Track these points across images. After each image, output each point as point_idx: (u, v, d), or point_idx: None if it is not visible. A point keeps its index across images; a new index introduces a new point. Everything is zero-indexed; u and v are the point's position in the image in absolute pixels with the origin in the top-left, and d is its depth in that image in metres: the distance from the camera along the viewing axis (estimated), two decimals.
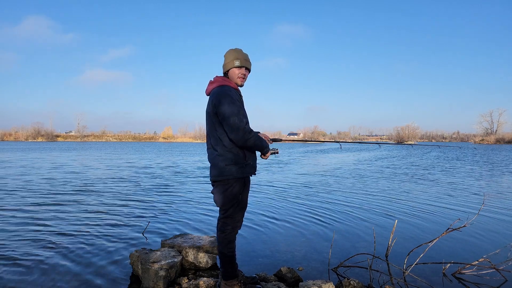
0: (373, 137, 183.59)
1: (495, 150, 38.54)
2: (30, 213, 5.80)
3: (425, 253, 3.58)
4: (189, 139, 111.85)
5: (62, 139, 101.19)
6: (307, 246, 4.21)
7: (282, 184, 10.00)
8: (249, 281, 2.82)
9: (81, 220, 5.34)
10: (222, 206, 2.67)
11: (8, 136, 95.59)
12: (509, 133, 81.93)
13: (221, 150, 2.58)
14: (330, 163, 18.99)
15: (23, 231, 4.70)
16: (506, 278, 3.27)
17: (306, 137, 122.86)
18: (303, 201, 7.20)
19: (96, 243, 4.18)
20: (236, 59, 2.68)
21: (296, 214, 5.98)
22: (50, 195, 7.74)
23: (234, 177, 2.58)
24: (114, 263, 3.55)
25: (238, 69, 2.70)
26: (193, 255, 3.36)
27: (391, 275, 3.28)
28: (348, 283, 2.89)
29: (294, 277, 3.10)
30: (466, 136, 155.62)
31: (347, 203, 7.01)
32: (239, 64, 2.68)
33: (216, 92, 2.58)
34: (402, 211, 6.30)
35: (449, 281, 3.23)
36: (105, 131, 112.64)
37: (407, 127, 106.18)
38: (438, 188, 9.32)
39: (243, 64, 2.70)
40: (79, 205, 6.55)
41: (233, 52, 2.71)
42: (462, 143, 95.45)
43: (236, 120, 2.45)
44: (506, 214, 6.14)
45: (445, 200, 7.47)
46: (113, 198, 7.45)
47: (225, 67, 2.73)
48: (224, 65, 2.75)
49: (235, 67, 2.69)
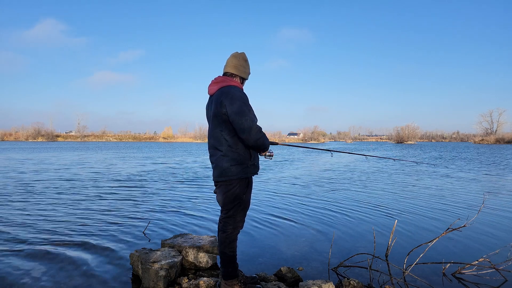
0: (373, 137, 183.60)
1: (493, 150, 38.55)
2: (29, 213, 5.80)
3: (425, 253, 3.59)
4: (189, 139, 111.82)
5: (62, 139, 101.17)
6: (307, 246, 4.21)
7: (282, 184, 10.00)
8: (249, 281, 2.82)
9: (81, 220, 5.34)
10: (224, 206, 2.67)
11: (8, 136, 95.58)
12: (509, 133, 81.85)
13: (226, 150, 2.57)
14: (330, 162, 18.99)
15: (21, 231, 4.71)
16: (506, 278, 3.28)
17: (306, 137, 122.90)
18: (303, 201, 7.20)
19: (96, 243, 4.18)
20: (249, 72, 2.83)
21: (296, 214, 5.97)
22: (50, 195, 7.74)
23: (238, 177, 2.58)
24: (114, 263, 3.55)
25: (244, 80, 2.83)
26: (193, 255, 3.36)
27: (391, 275, 3.28)
28: (348, 283, 2.89)
29: (294, 277, 3.10)
30: (466, 136, 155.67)
31: (347, 203, 7.01)
32: (248, 77, 2.84)
33: (225, 91, 2.57)
34: (402, 211, 6.30)
35: (449, 281, 3.23)
36: (105, 131, 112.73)
37: (407, 127, 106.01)
38: (438, 188, 9.31)
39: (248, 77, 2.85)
40: (79, 205, 6.55)
41: (246, 60, 2.80)
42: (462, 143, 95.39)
43: (248, 120, 2.48)
44: (506, 214, 6.14)
45: (445, 200, 7.47)
46: (112, 198, 7.45)
47: (239, 71, 2.74)
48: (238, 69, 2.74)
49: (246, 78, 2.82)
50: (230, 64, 2.74)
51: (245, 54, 2.81)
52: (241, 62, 2.74)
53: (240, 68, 2.73)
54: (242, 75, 2.75)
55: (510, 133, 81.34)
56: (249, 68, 2.82)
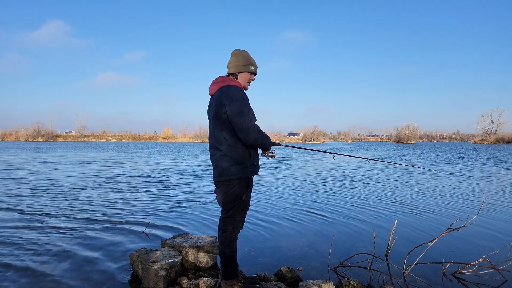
0: (373, 137, 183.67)
1: (493, 150, 38.56)
2: (29, 213, 5.80)
3: (425, 253, 3.59)
4: (189, 139, 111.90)
5: (62, 139, 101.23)
6: (307, 246, 4.21)
7: (282, 184, 10.00)
8: (249, 281, 2.82)
9: (80, 220, 5.34)
10: (224, 206, 2.67)
11: (8, 136, 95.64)
12: (509, 133, 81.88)
13: (225, 150, 2.57)
14: (331, 163, 18.98)
15: (20, 231, 4.71)
16: (506, 278, 3.27)
17: (306, 137, 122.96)
18: (303, 201, 7.20)
19: (96, 243, 4.18)
20: (251, 64, 2.69)
21: (296, 214, 5.98)
22: (47, 195, 7.74)
23: (238, 177, 2.57)
24: (114, 263, 3.55)
25: (250, 74, 2.72)
26: (193, 255, 3.36)
27: (391, 275, 3.28)
28: (348, 283, 2.89)
29: (294, 277, 3.10)
30: (466, 136, 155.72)
31: (347, 203, 7.01)
32: (253, 70, 2.71)
33: (225, 91, 2.55)
34: (402, 211, 6.30)
35: (449, 281, 3.23)
36: (105, 131, 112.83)
37: (407, 127, 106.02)
38: (438, 188, 9.31)
39: (255, 71, 2.73)
40: (79, 205, 6.55)
41: (246, 56, 2.71)
42: (462, 143, 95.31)
43: (247, 120, 2.46)
44: (506, 213, 6.14)
45: (445, 200, 7.47)
46: (112, 197, 7.45)
47: (237, 68, 2.68)
48: (235, 66, 2.69)
49: (249, 71, 2.70)
50: (230, 65, 2.72)
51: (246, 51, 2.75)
52: (240, 59, 2.69)
53: (239, 66, 2.68)
54: (246, 70, 2.68)
55: (510, 133, 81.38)
56: (250, 61, 2.71)
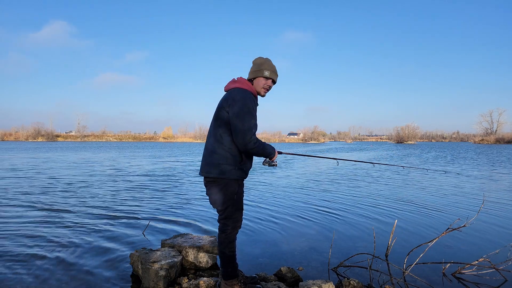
0: (373, 137, 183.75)
1: (493, 150, 38.55)
2: (27, 213, 5.80)
3: (425, 253, 3.59)
4: (189, 139, 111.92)
5: (62, 139, 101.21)
6: (307, 246, 4.21)
7: (282, 184, 10.00)
8: (249, 281, 2.82)
9: (80, 220, 5.34)
10: (219, 206, 2.66)
11: (8, 136, 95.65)
12: (509, 133, 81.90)
13: (219, 149, 2.58)
14: (330, 163, 18.98)
15: (21, 230, 4.71)
16: (506, 278, 3.28)
17: (306, 137, 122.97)
18: (303, 201, 7.20)
19: (96, 243, 4.18)
20: (266, 69, 2.69)
21: (296, 214, 5.98)
22: (49, 195, 7.74)
23: (226, 177, 2.57)
24: (114, 263, 3.55)
25: (265, 79, 2.70)
26: (193, 255, 3.36)
27: (391, 275, 3.28)
28: (348, 283, 2.89)
29: (294, 277, 3.11)
30: (466, 136, 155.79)
31: (347, 203, 7.01)
32: (268, 75, 2.69)
33: (233, 92, 2.57)
34: (402, 211, 6.30)
35: (449, 281, 3.23)
36: (105, 131, 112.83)
37: (407, 127, 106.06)
38: (438, 188, 9.31)
39: (272, 76, 2.71)
40: (79, 205, 6.55)
41: (264, 61, 2.72)
42: (462, 143, 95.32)
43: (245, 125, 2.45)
44: (506, 213, 6.14)
45: (445, 200, 7.47)
46: (112, 197, 7.45)
47: (253, 73, 2.71)
48: (252, 71, 2.73)
49: (263, 76, 2.69)
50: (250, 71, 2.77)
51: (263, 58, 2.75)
52: (254, 65, 2.74)
53: (252, 72, 2.73)
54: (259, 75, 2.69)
55: (510, 133, 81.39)
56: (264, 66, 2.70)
